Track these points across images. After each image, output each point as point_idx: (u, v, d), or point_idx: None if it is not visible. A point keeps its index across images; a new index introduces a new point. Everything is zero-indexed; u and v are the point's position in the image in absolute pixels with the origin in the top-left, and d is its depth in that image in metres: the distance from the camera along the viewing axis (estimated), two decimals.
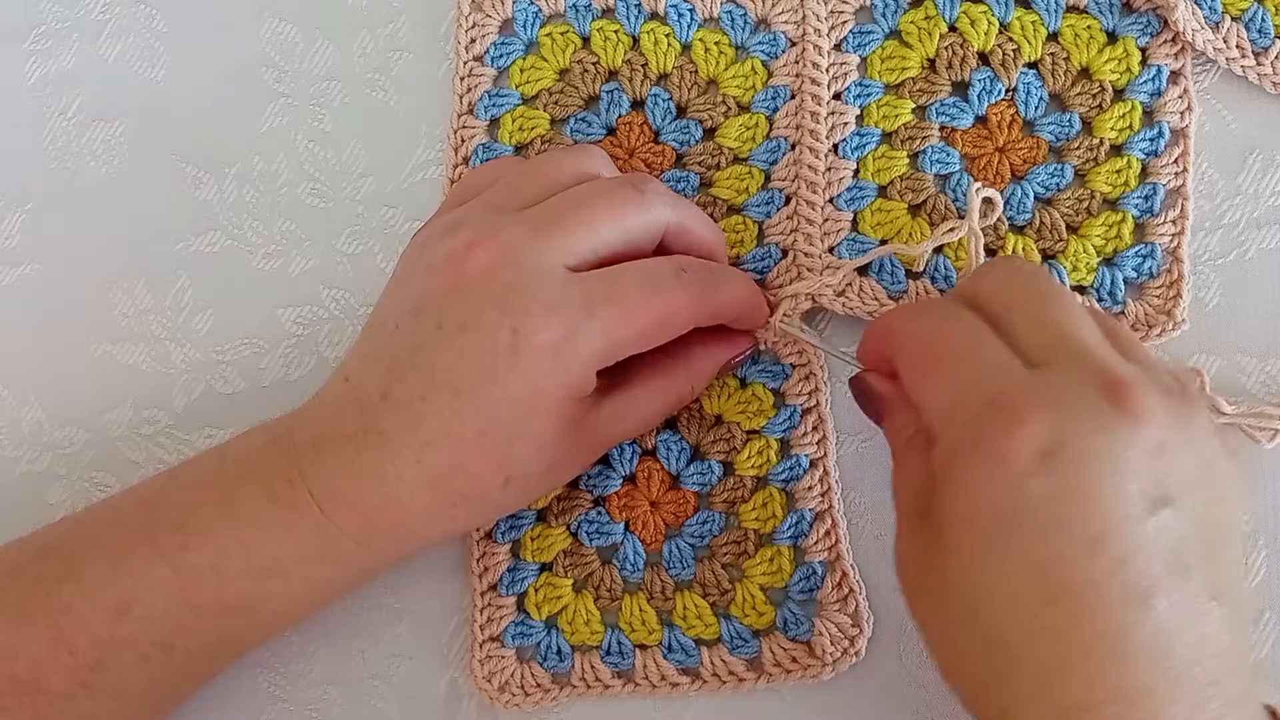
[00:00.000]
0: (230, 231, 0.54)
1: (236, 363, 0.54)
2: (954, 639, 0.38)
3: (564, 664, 0.49)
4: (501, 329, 0.42)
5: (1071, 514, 0.35)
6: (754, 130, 0.52)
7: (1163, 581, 0.35)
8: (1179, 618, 0.35)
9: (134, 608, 0.43)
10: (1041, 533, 0.35)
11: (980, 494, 0.36)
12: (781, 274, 0.51)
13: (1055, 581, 0.35)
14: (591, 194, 0.45)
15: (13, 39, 0.57)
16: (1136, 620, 0.35)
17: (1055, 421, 0.36)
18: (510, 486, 0.44)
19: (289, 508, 0.43)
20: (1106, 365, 0.38)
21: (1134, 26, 0.51)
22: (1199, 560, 0.36)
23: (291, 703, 0.51)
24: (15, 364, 0.54)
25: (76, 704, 0.43)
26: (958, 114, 0.51)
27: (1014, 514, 0.36)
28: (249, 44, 0.56)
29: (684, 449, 0.50)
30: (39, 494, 0.53)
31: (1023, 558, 0.36)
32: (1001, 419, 0.36)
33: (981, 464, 0.36)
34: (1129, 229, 0.50)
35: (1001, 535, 0.36)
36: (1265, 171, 0.51)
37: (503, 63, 0.54)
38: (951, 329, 0.40)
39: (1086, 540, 0.35)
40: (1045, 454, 0.35)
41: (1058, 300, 0.40)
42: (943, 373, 0.39)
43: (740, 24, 0.53)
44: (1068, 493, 0.35)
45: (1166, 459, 0.36)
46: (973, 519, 0.37)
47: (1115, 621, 0.35)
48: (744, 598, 0.49)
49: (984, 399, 0.37)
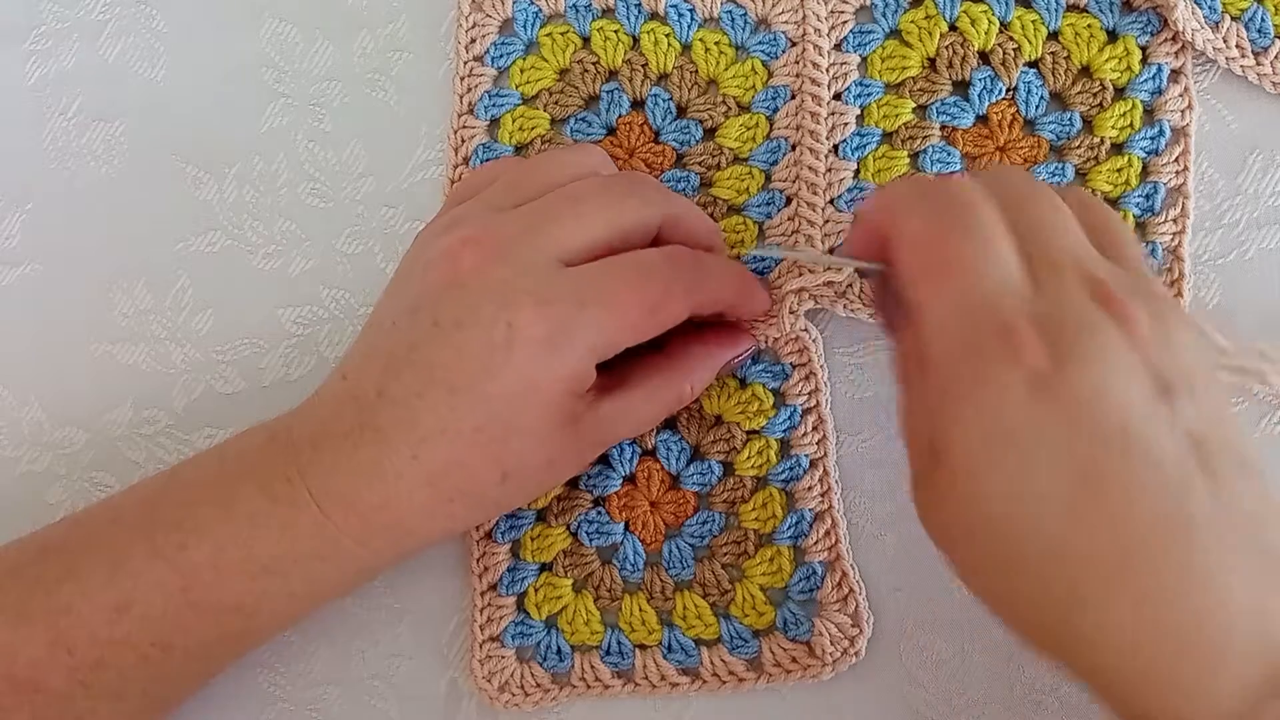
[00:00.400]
0: (230, 231, 0.54)
1: (236, 363, 0.54)
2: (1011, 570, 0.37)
3: (564, 664, 0.49)
4: (497, 324, 0.42)
5: (1091, 427, 0.35)
6: (754, 130, 0.52)
7: (1199, 470, 0.35)
8: (1227, 499, 0.35)
9: (133, 607, 0.43)
10: (1058, 453, 0.35)
11: (990, 430, 0.36)
12: (782, 274, 0.51)
13: (1091, 497, 0.35)
14: (585, 190, 0.45)
15: (13, 39, 0.56)
16: (1194, 508, 0.35)
17: (1049, 346, 0.36)
18: (508, 483, 0.44)
19: (288, 506, 0.43)
20: (1093, 274, 0.38)
21: (1134, 25, 0.51)
22: (1222, 441, 0.36)
23: (291, 703, 0.51)
24: (15, 364, 0.54)
25: (75, 704, 0.43)
26: (958, 113, 0.51)
27: (1037, 431, 0.35)
28: (249, 44, 0.56)
29: (684, 449, 0.50)
30: (39, 494, 0.53)
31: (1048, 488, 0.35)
32: (1006, 347, 0.36)
33: (990, 398, 0.36)
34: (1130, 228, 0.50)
35: (1024, 462, 0.35)
36: (1265, 171, 0.51)
37: (503, 63, 0.54)
38: (964, 229, 0.38)
39: (1115, 448, 0.35)
40: (1038, 380, 0.35)
41: (1057, 209, 0.40)
42: (950, 280, 0.38)
43: (740, 24, 0.53)
44: (1071, 410, 0.35)
45: (1162, 355, 0.36)
46: (989, 455, 0.36)
47: (1169, 512, 0.35)
48: (744, 598, 0.49)
49: (992, 324, 0.36)
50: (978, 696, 0.48)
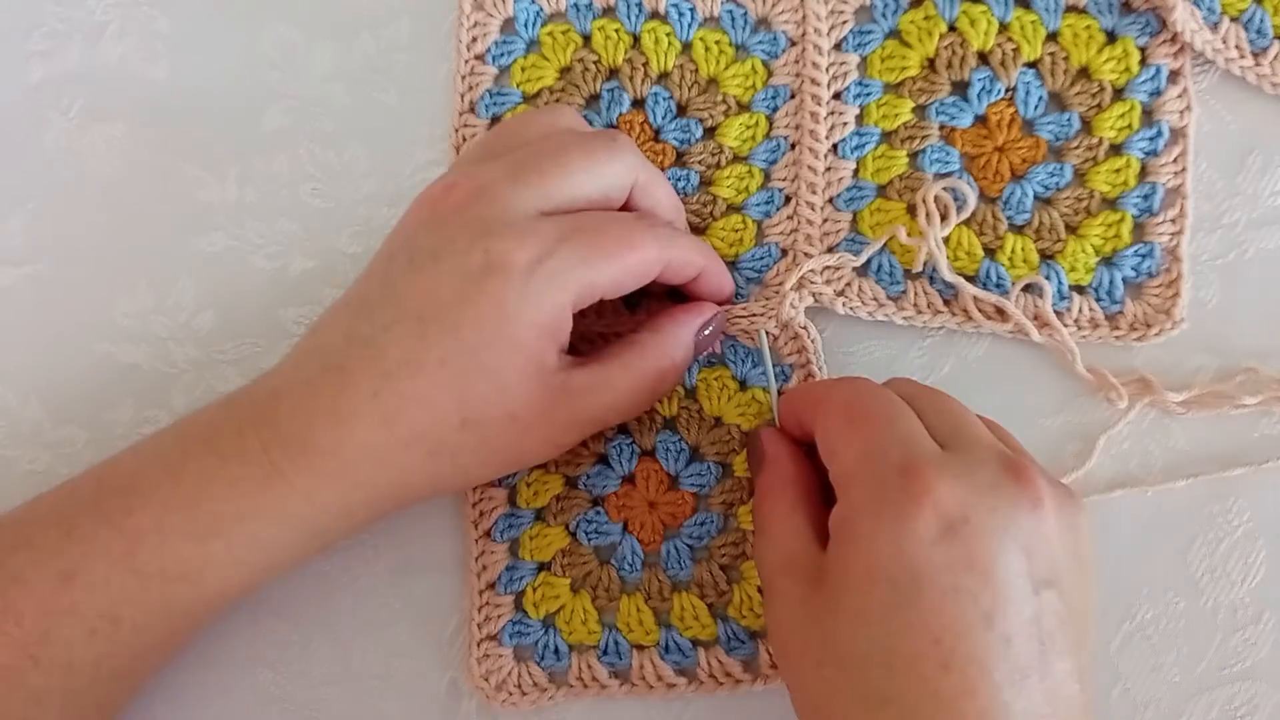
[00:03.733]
0: (231, 231, 0.54)
1: (237, 362, 0.54)
2: (838, 697, 0.39)
3: (561, 663, 0.49)
4: (474, 251, 0.42)
5: (971, 584, 0.38)
6: (754, 129, 0.53)
7: (1038, 661, 0.38)
8: (1048, 697, 0.38)
9: (79, 574, 0.42)
10: (941, 599, 0.37)
11: (884, 554, 0.38)
12: (781, 273, 0.51)
13: (950, 650, 0.37)
14: (566, 144, 0.45)
15: (14, 39, 0.57)
16: (1013, 699, 0.37)
17: (962, 496, 0.38)
18: (467, 431, 0.43)
19: (236, 460, 0.42)
20: (1005, 452, 0.41)
21: (1133, 26, 0.51)
22: (1067, 644, 0.39)
23: (291, 703, 0.51)
24: (15, 364, 0.54)
25: (27, 679, 0.43)
26: (957, 113, 0.51)
27: (916, 578, 0.38)
28: (250, 44, 0.56)
29: (683, 450, 0.50)
30: (39, 494, 0.53)
31: (921, 622, 0.38)
32: (912, 486, 0.39)
33: (889, 525, 0.38)
34: (1128, 228, 0.50)
35: (902, 597, 0.38)
36: (1264, 171, 0.51)
37: (504, 61, 0.54)
38: (875, 397, 0.43)
39: (981, 613, 0.37)
40: (950, 525, 0.38)
41: (955, 400, 0.44)
42: (859, 431, 0.41)
43: (741, 23, 0.53)
44: (968, 563, 0.38)
45: (1054, 543, 0.39)
46: (874, 578, 0.38)
47: (998, 699, 0.37)
48: (741, 599, 0.49)
49: (896, 464, 0.39)
50: None
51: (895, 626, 0.38)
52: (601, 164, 0.45)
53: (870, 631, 0.38)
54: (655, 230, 0.45)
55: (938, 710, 0.37)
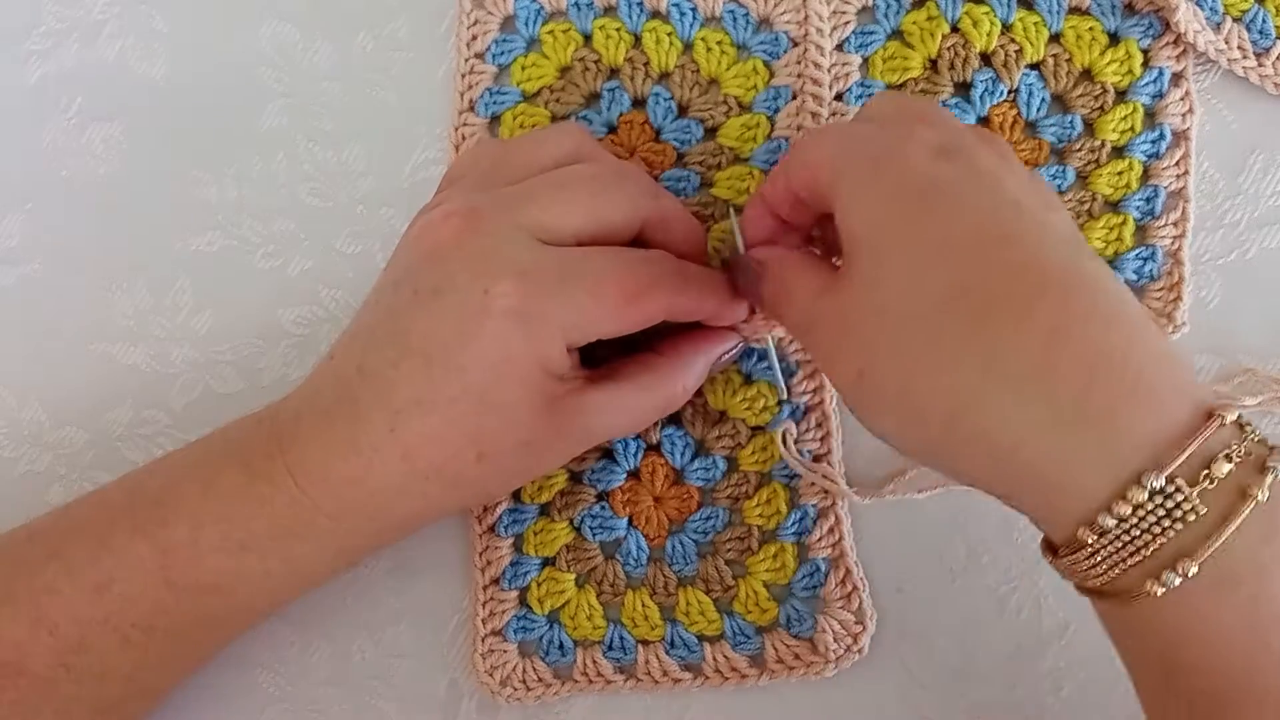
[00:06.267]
0: (230, 231, 0.54)
1: (236, 363, 0.53)
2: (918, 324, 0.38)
3: (566, 658, 0.49)
4: (474, 290, 0.42)
5: (986, 186, 0.39)
6: (755, 130, 0.52)
7: (1082, 243, 0.39)
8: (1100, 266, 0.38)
9: (113, 585, 0.43)
10: (961, 198, 0.38)
11: (894, 188, 0.39)
12: None
13: (1003, 231, 0.37)
14: (573, 177, 0.45)
15: (13, 39, 0.56)
16: (1082, 257, 0.38)
17: (944, 134, 0.40)
18: (484, 464, 0.43)
19: (265, 482, 0.43)
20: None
21: (1136, 28, 0.51)
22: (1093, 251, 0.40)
23: (291, 703, 0.50)
24: (15, 364, 0.54)
25: (59, 688, 0.43)
26: (960, 115, 0.51)
27: (936, 184, 0.38)
28: (249, 44, 0.56)
29: (688, 444, 0.50)
30: (39, 494, 0.53)
31: (960, 216, 0.38)
32: (902, 128, 0.40)
33: (890, 167, 0.39)
34: (1130, 231, 0.51)
35: (929, 204, 0.38)
36: (1266, 171, 0.51)
37: (504, 60, 0.54)
38: (856, 131, 0.43)
39: (1010, 200, 0.38)
40: (943, 148, 0.39)
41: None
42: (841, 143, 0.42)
43: (742, 23, 0.53)
44: (974, 172, 0.39)
45: (1039, 183, 0.42)
46: (903, 194, 0.39)
47: (1066, 255, 0.37)
48: (747, 594, 0.49)
49: (879, 135, 0.41)
50: (980, 697, 0.48)
51: (934, 234, 0.38)
52: (605, 201, 0.45)
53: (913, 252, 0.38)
54: (663, 282, 0.44)
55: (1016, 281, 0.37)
